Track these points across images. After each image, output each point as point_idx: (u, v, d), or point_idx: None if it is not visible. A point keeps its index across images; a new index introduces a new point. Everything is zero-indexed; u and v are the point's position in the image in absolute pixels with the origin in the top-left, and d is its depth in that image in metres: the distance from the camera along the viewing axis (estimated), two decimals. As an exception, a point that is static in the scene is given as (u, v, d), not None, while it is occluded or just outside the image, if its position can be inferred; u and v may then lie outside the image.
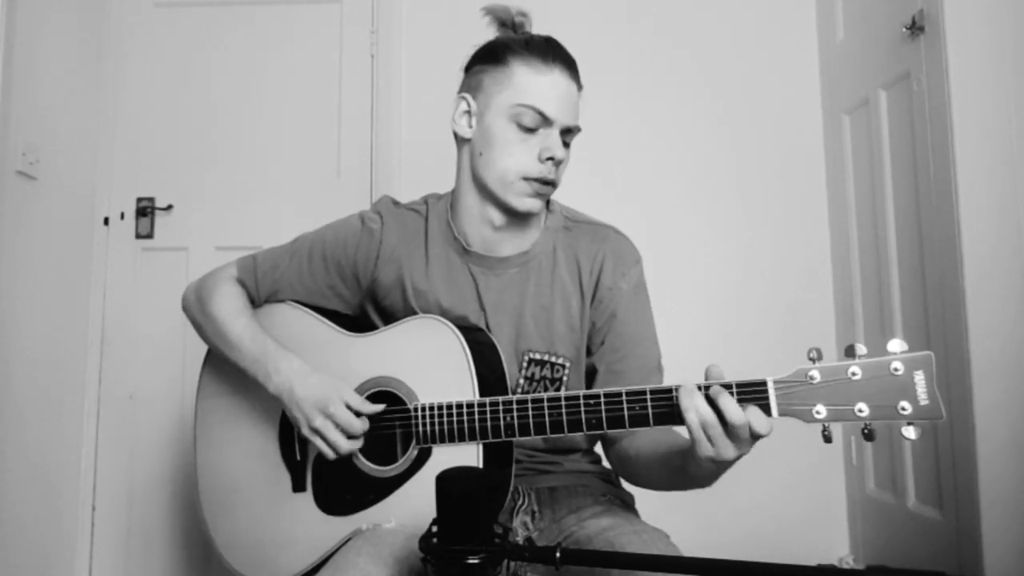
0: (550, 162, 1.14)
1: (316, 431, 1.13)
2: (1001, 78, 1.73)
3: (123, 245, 2.38)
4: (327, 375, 1.16)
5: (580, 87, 1.19)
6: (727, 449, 0.93)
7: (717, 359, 0.98)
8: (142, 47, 2.45)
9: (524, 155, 1.15)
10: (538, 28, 1.23)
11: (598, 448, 1.33)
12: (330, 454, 1.13)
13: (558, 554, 0.85)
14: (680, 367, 1.25)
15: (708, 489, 1.03)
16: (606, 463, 1.31)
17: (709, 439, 0.93)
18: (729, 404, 0.92)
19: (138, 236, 2.39)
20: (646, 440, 1.12)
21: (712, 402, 0.93)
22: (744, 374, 0.96)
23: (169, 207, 2.39)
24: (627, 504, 1.27)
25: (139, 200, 2.39)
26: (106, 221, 2.39)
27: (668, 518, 1.24)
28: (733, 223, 2.38)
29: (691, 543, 1.07)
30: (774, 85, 2.42)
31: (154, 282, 2.35)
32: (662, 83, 2.42)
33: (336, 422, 1.12)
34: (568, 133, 1.17)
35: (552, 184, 1.17)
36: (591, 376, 1.23)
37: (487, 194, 1.19)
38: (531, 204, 1.16)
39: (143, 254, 2.39)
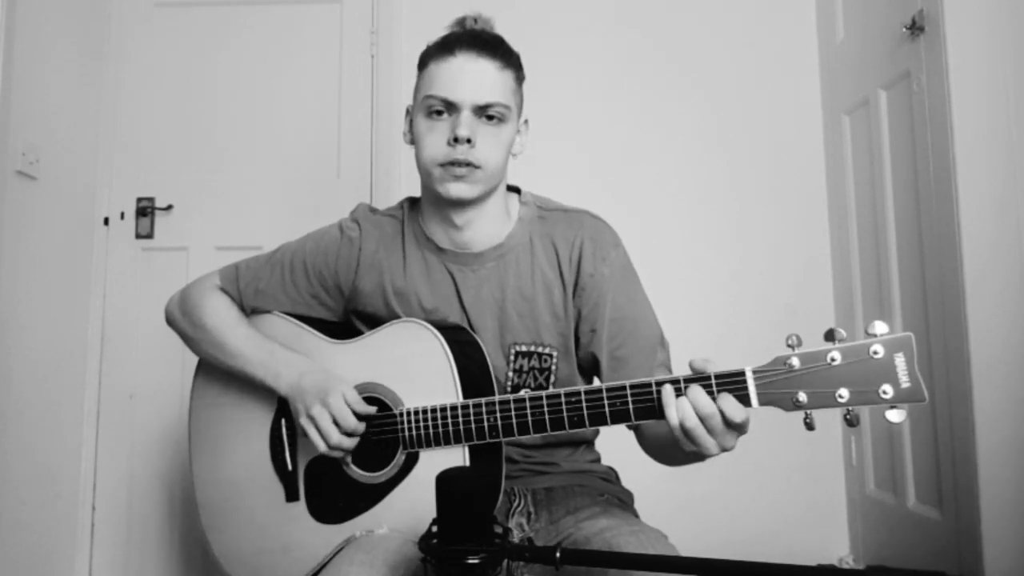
0: (457, 143, 1.12)
1: (312, 419, 1.13)
2: (1001, 78, 1.73)
3: (123, 245, 2.38)
4: (333, 372, 1.17)
5: (508, 65, 1.17)
6: (707, 443, 0.94)
7: (718, 361, 0.98)
8: (142, 47, 2.45)
9: (434, 141, 1.14)
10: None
11: (599, 445, 1.33)
12: (320, 444, 1.13)
13: (558, 554, 0.85)
14: (678, 367, 1.26)
15: (708, 489, 1.04)
16: (618, 452, 1.30)
17: (688, 436, 0.94)
18: (699, 396, 0.93)
19: (138, 236, 2.39)
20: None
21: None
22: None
23: (169, 207, 2.39)
24: (625, 504, 1.27)
25: (139, 200, 2.39)
26: (106, 221, 2.39)
27: (668, 518, 1.24)
28: (732, 223, 2.38)
29: (691, 543, 1.07)
30: (774, 85, 2.42)
31: (154, 282, 2.34)
32: (661, 84, 2.42)
33: (331, 412, 1.12)
34: (487, 111, 1.14)
35: (471, 165, 1.14)
36: (593, 366, 1.23)
37: (426, 189, 1.21)
38: (456, 190, 1.14)
39: (143, 254, 2.38)
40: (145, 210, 2.38)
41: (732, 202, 2.38)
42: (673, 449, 1.04)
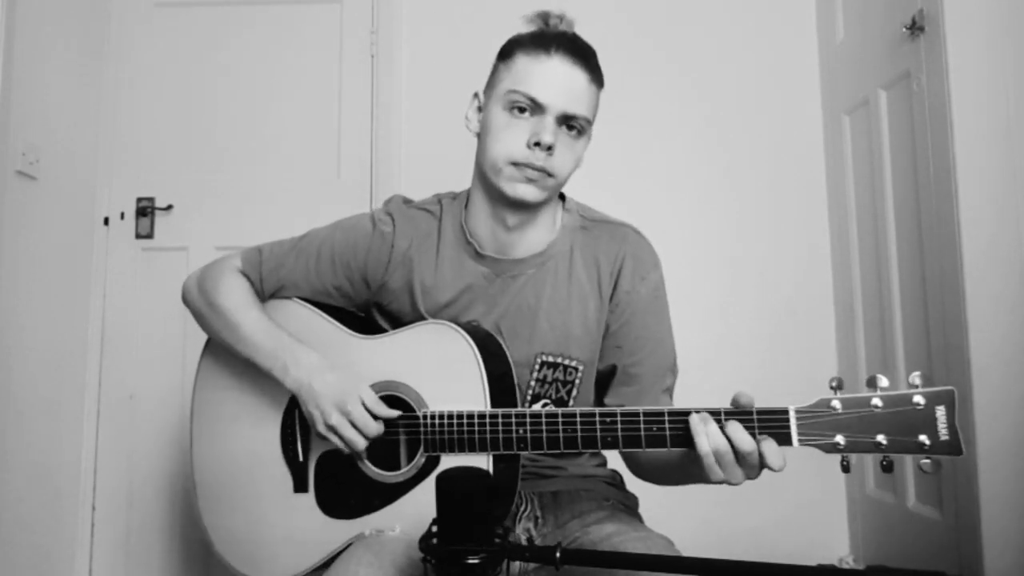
0: (538, 148, 1.09)
1: (332, 428, 1.10)
2: (1001, 78, 1.73)
3: (123, 245, 2.38)
4: (345, 371, 1.14)
5: (595, 80, 1.15)
6: (736, 475, 0.95)
7: (718, 361, 0.98)
8: (142, 47, 2.45)
9: (513, 139, 1.11)
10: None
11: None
12: (345, 452, 1.12)
13: (558, 554, 0.85)
14: (683, 369, 1.26)
15: (708, 489, 1.04)
16: (612, 465, 1.30)
17: (720, 465, 0.94)
18: (738, 432, 0.93)
19: (138, 236, 2.39)
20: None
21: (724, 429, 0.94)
22: (744, 375, 0.96)
23: (169, 207, 2.39)
24: (631, 508, 1.26)
25: (139, 200, 2.39)
26: (106, 221, 2.39)
27: (669, 518, 1.24)
28: (732, 223, 2.37)
29: (691, 543, 1.07)
30: (774, 85, 2.42)
31: (154, 282, 2.34)
32: (662, 84, 2.42)
33: (352, 420, 1.10)
34: (569, 121, 1.12)
35: (545, 172, 1.11)
36: (607, 376, 1.22)
37: (486, 184, 1.16)
38: (523, 191, 1.11)
39: (143, 254, 2.39)
40: (145, 210, 2.38)
41: (732, 202, 2.38)
42: (672, 471, 1.05)
